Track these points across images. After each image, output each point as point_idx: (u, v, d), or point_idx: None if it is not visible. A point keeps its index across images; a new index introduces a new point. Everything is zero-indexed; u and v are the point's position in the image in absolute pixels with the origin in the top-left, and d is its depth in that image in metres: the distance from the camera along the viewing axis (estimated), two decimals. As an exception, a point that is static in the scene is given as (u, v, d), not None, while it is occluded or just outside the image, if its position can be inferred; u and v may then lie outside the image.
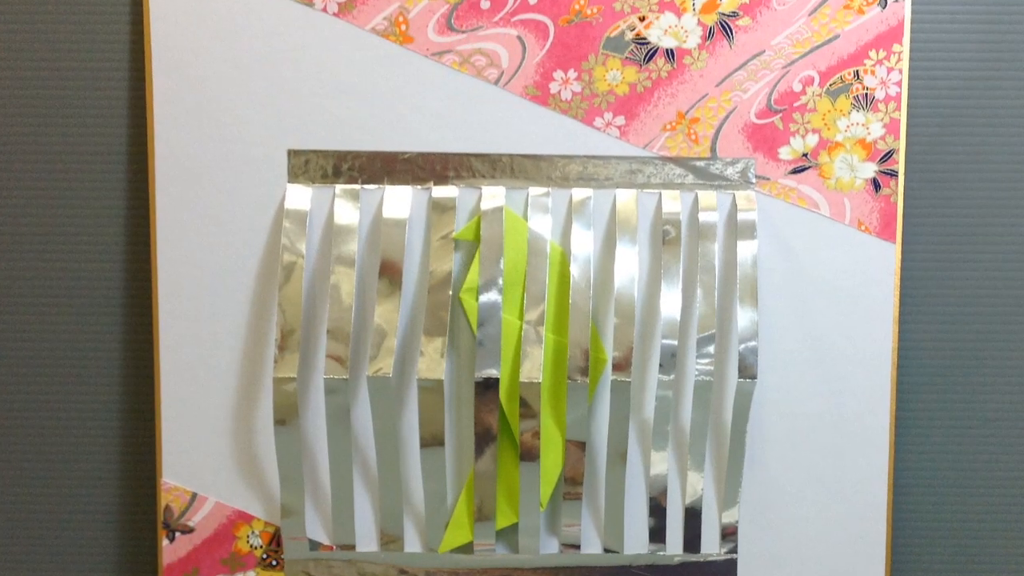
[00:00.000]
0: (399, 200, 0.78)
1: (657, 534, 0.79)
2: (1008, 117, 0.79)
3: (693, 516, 0.79)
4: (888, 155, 0.77)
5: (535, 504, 0.77)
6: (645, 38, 0.76)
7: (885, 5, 0.76)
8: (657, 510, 0.79)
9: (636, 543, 0.79)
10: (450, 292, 0.76)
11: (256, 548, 0.80)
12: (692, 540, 0.79)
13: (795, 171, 0.78)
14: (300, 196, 0.78)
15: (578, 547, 0.79)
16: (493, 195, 0.78)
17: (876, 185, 0.77)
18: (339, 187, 0.78)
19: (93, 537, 0.84)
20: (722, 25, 0.76)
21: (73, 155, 0.81)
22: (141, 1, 0.78)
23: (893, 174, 0.77)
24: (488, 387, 0.75)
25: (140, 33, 0.79)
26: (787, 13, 0.76)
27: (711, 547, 0.79)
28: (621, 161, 0.78)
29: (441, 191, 0.78)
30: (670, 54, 0.77)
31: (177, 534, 0.80)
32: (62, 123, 0.81)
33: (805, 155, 0.78)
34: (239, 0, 0.76)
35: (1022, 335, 0.81)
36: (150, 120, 0.78)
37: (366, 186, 0.78)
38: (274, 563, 0.79)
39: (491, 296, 0.76)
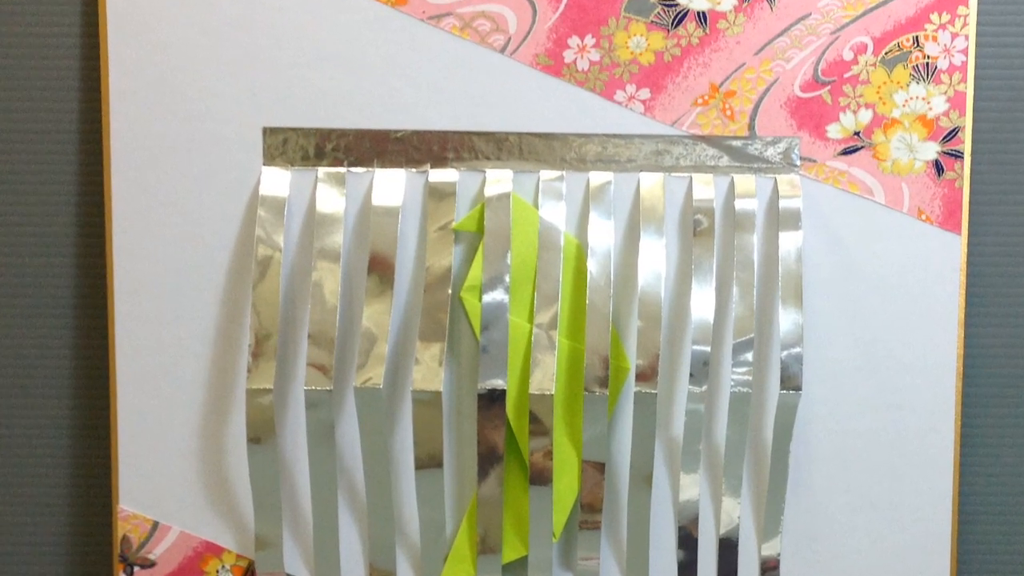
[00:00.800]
0: (391, 185, 0.77)
1: (687, 569, 0.78)
2: (1087, 91, 0.79)
3: (728, 548, 0.78)
4: (952, 134, 0.76)
5: (547, 534, 0.76)
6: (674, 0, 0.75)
7: (948, -39, 0.75)
8: (687, 541, 0.78)
9: (663, 579, 0.78)
10: (449, 291, 0.75)
11: (227, 584, 0.78)
12: None
13: (845, 152, 0.76)
14: (277, 181, 0.77)
15: (596, 583, 0.77)
16: (499, 179, 0.77)
17: (939, 168, 0.76)
18: (322, 170, 0.77)
19: (40, 572, 0.83)
20: (762, -16, 0.75)
21: (17, 133, 0.80)
22: (96, -42, 0.78)
23: (958, 155, 0.76)
24: (493, 400, 0.74)
25: (94, -6, 0.78)
26: (836, -30, 0.75)
27: (749, 583, 0.77)
28: (646, 140, 0.76)
29: (439, 175, 0.77)
30: (702, 17, 0.75)
31: (136, 568, 0.79)
32: (3, 96, 0.80)
33: (857, 134, 0.76)
34: (207, -45, 0.75)
35: (1102, 340, 0.80)
36: (105, 93, 0.77)
37: (353, 169, 0.77)
38: (247, 601, 0.78)
39: (496, 295, 0.75)
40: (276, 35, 0.75)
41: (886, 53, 0.75)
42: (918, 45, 0.75)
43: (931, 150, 0.76)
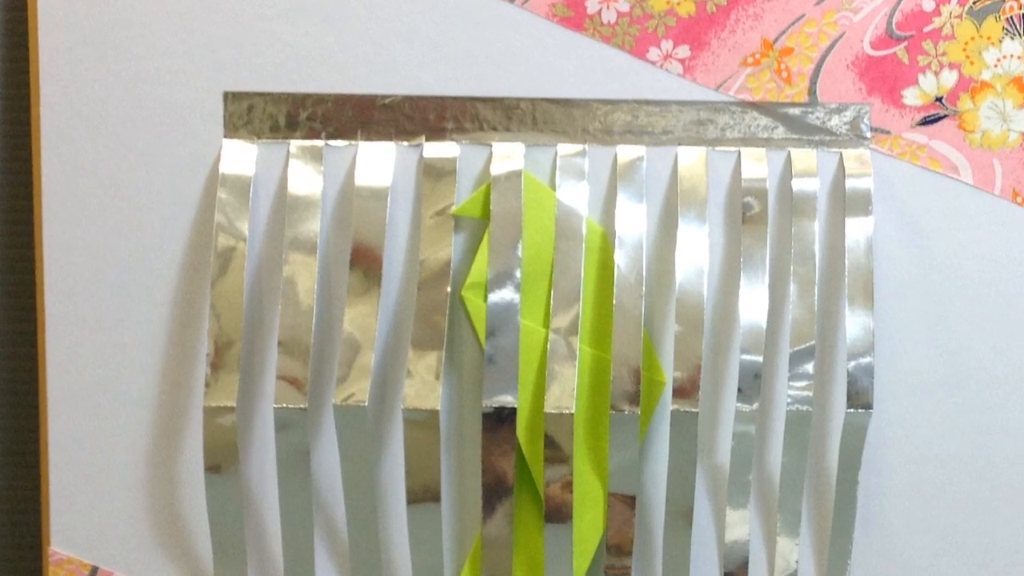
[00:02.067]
0: (377, 161, 0.77)
1: (735, 623, 0.77)
2: None
3: (784, 598, 0.77)
4: (1054, 100, 0.75)
5: (566, 581, 0.74)
6: (718, -63, 0.75)
7: None
8: (735, 589, 0.77)
9: (706, 634, 0.80)
10: (448, 289, 0.75)
11: (181, 641, 0.80)
12: (783, 630, 0.80)
13: (925, 121, 0.76)
14: (241, 156, 0.77)
15: (626, 640, 0.79)
16: (508, 154, 0.76)
17: (1038, 141, 0.76)
18: (294, 143, 0.77)
19: (-44, 628, 0.82)
20: (825, -82, 0.75)
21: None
22: None
23: (1062, 125, 0.75)
24: (501, 420, 0.74)
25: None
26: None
27: (809, 640, 0.81)
28: (685, 108, 0.76)
29: (436, 149, 0.77)
30: (753, -41, 0.75)
31: (71, 623, 0.78)
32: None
33: (939, 100, 0.76)
34: None
35: None
36: (33, 52, 0.77)
37: (332, 142, 0.77)
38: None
39: (505, 294, 0.75)
40: (239, -20, 0.75)
41: (974, 2, 0.75)
42: (1013, -8, 0.76)
43: (1029, 119, 0.76)
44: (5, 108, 0.80)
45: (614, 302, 0.75)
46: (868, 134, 0.76)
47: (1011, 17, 0.75)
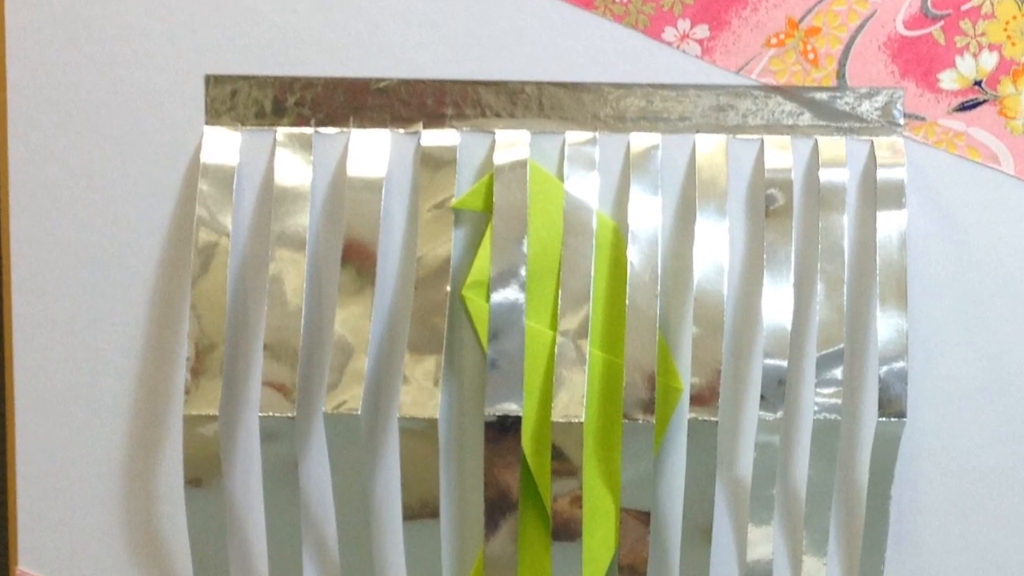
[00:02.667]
0: (372, 150, 0.76)
1: (758, 649, 0.77)
2: None
3: (811, 621, 0.77)
4: (1103, 84, 0.74)
5: (575, 603, 0.74)
6: (739, -92, 0.75)
7: None
8: (758, 613, 0.77)
9: (726, 660, 0.79)
10: (448, 288, 0.74)
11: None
12: (810, 656, 0.79)
13: (963, 107, 0.76)
14: (223, 144, 0.76)
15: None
16: (512, 143, 0.75)
17: (1085, 129, 0.75)
18: (281, 131, 0.76)
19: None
20: None
21: None
22: None
23: (1111, 112, 0.75)
24: (505, 430, 0.72)
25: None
26: None
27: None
28: (703, 92, 0.75)
29: (434, 137, 0.76)
30: (776, -69, 0.75)
31: (40, 649, 0.77)
32: None
33: (978, 83, 0.75)
34: None
35: None
36: None
37: (322, 129, 0.76)
38: None
39: (509, 294, 0.74)
40: (222, -45, 0.75)
41: (1016, -22, 0.74)
42: (1058, -33, 0.75)
43: (1075, 105, 0.76)
44: (-32, 92, 0.77)
45: (627, 302, 0.74)
46: (901, 120, 0.76)
47: (1056, -6, 0.73)
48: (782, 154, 0.75)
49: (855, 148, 0.76)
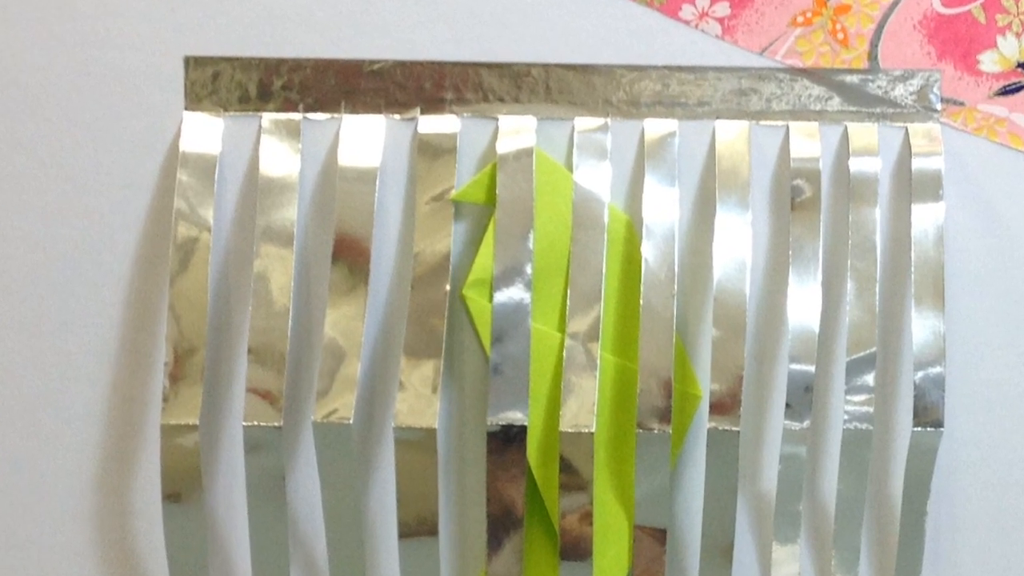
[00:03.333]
0: (365, 138, 0.75)
1: (784, 676, 0.77)
2: None
3: (841, 647, 0.77)
4: None
5: (585, 629, 0.74)
6: None
7: None
8: (783, 637, 0.77)
9: None
10: (447, 287, 0.73)
11: None
12: None
13: (1005, 91, 0.74)
14: (204, 131, 0.75)
15: None
16: (517, 129, 0.74)
17: None
18: (267, 117, 0.75)
19: None
20: None
21: None
22: None
23: None
24: (509, 440, 0.71)
25: None
26: None
27: None
28: (724, 75, 0.74)
29: (433, 123, 0.75)
30: (803, -99, 0.74)
31: (7, 676, 0.77)
32: None
33: (1021, 65, 0.74)
34: None
35: None
36: None
37: (311, 115, 0.75)
38: None
39: (513, 293, 0.73)
40: (203, -74, 0.75)
41: (1062, -49, 0.73)
42: (1108, -61, 0.73)
43: (1126, 89, 0.74)
44: (-70, 77, 0.77)
45: (641, 302, 0.73)
46: (938, 105, 0.75)
47: (1106, -31, 0.71)
48: (809, 142, 0.74)
49: (888, 135, 0.75)
